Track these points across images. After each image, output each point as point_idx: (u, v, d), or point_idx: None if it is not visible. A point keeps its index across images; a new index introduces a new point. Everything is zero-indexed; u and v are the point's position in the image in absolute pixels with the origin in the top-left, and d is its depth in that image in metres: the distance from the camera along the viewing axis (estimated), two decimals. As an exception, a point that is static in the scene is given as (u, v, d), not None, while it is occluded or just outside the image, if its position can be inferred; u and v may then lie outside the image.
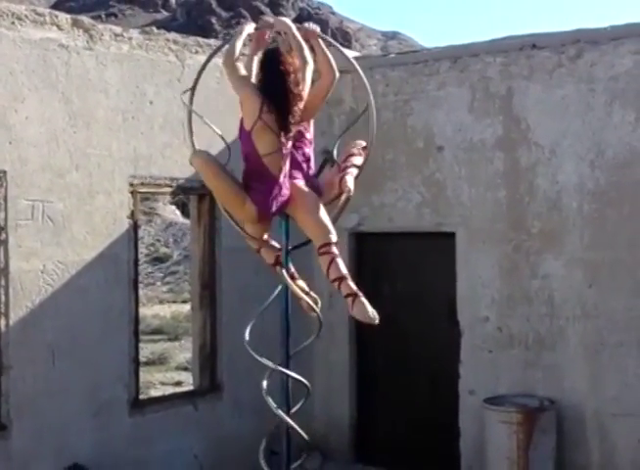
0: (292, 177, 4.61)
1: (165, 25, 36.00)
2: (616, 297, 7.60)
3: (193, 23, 72.01)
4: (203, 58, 8.19)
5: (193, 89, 4.85)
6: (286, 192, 4.54)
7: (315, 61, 4.69)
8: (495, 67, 8.25)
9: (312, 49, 4.71)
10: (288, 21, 4.83)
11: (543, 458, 7.50)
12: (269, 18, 5.02)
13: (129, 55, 7.67)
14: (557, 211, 7.90)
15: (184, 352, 16.61)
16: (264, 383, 4.58)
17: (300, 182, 4.65)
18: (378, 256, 9.19)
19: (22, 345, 6.88)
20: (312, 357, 8.89)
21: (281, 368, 4.63)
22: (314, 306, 4.72)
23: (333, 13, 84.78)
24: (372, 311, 4.38)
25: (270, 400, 4.53)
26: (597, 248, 7.70)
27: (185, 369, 14.85)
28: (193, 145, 4.82)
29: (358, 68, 4.99)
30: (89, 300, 7.32)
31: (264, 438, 4.74)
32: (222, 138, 4.85)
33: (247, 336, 4.58)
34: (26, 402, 6.89)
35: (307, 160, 4.78)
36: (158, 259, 34.37)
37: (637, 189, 7.54)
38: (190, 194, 8.49)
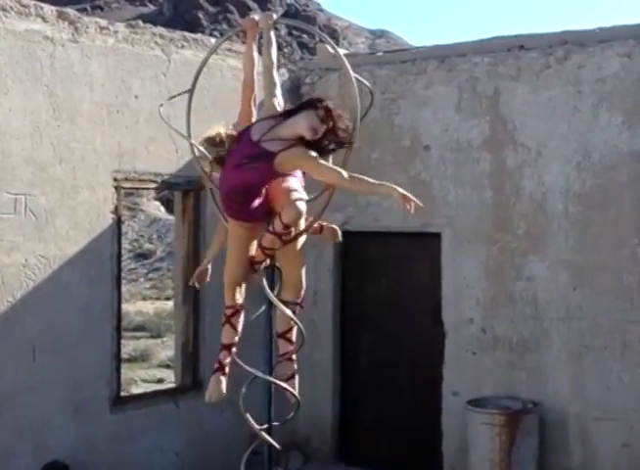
0: None
1: (152, 19, 35.82)
2: (600, 299, 7.59)
3: (180, 17, 71.74)
4: (189, 53, 8.19)
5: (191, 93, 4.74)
6: None
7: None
8: (483, 67, 8.23)
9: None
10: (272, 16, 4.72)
11: (525, 461, 7.49)
12: (255, 15, 4.88)
13: (115, 48, 7.60)
14: (542, 212, 7.89)
15: (166, 349, 16.52)
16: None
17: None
18: (363, 255, 9.15)
19: (2, 339, 6.81)
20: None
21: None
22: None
23: (321, 10, 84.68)
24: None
25: (254, 370, 4.57)
26: (582, 250, 7.69)
27: (167, 367, 14.77)
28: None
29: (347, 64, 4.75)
30: (71, 295, 7.25)
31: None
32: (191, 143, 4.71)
33: None
34: (6, 398, 6.82)
35: None
36: (141, 256, 34.24)
37: (623, 192, 7.54)
38: (174, 190, 8.44)
